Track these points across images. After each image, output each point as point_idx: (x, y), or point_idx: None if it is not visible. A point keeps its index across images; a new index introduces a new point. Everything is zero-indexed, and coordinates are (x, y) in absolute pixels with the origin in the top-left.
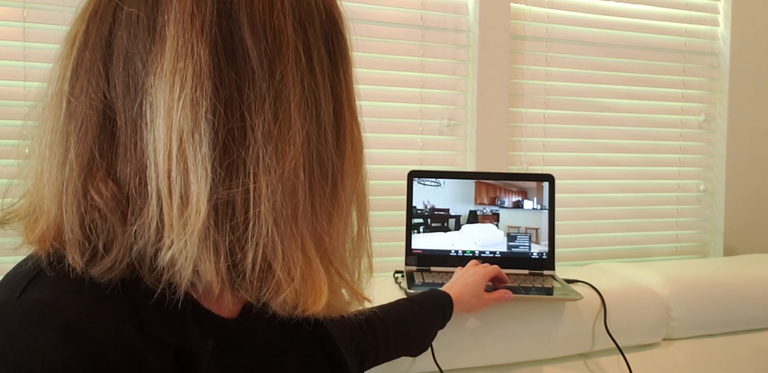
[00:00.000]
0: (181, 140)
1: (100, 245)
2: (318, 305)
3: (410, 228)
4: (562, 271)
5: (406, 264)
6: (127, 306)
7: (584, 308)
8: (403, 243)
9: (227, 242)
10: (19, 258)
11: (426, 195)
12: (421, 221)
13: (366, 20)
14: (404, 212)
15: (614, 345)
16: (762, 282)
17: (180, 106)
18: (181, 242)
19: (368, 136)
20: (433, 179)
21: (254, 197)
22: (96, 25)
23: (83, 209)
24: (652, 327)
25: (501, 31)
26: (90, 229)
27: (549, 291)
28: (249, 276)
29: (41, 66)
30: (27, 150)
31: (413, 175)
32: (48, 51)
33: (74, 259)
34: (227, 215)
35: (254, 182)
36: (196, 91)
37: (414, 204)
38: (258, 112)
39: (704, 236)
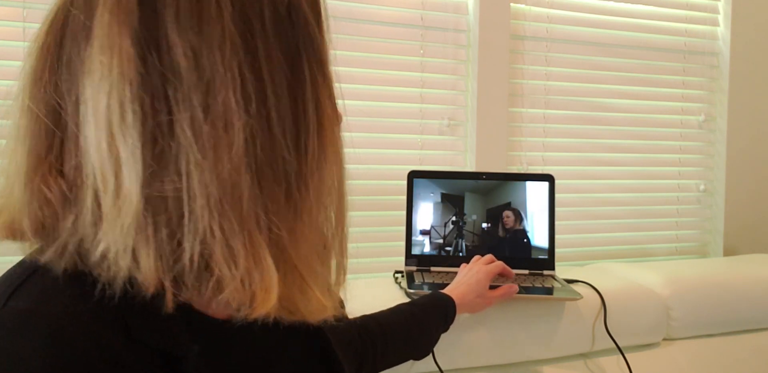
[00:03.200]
0: (111, 134)
1: (51, 238)
2: (265, 306)
3: (410, 228)
4: (562, 271)
5: (406, 264)
6: (112, 311)
7: (584, 308)
8: (403, 243)
9: (163, 235)
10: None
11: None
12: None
13: (366, 20)
14: (404, 212)
15: (614, 345)
16: (762, 282)
17: (106, 99)
18: (115, 232)
19: (368, 136)
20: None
21: (188, 193)
22: (55, 28)
23: (37, 205)
24: (652, 327)
25: (501, 31)
26: (43, 223)
27: (549, 291)
28: (187, 273)
29: None
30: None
31: (413, 175)
32: None
33: (29, 251)
34: (161, 208)
35: (187, 177)
36: (121, 84)
37: (414, 204)
38: (185, 107)
39: (704, 236)
